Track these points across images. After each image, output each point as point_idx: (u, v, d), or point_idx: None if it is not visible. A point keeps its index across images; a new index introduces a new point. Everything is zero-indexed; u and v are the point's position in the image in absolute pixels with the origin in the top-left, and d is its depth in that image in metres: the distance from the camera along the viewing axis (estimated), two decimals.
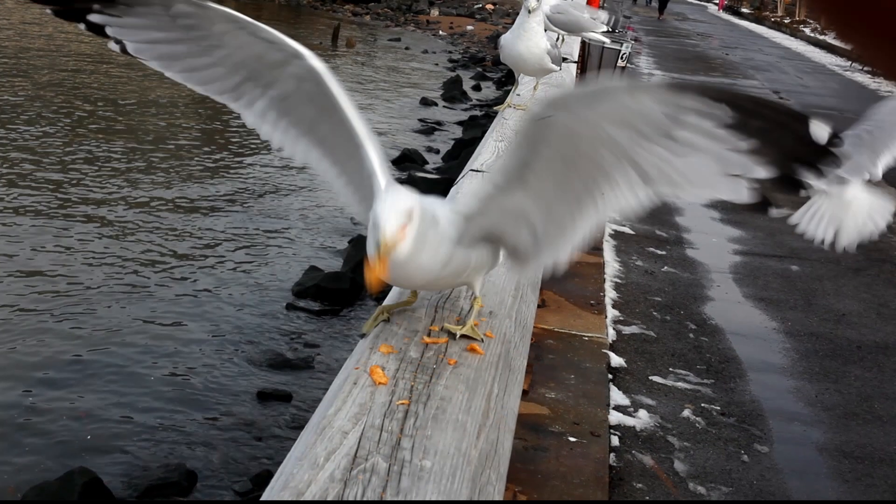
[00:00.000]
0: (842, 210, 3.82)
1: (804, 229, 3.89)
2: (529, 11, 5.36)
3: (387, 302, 2.61)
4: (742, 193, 1.88)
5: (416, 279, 2.26)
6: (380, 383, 2.08)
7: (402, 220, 2.04)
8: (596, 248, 6.31)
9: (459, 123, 16.25)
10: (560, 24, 7.51)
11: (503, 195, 2.22)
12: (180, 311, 7.81)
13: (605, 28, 8.40)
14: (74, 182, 10.81)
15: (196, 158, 12.49)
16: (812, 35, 33.43)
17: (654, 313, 5.59)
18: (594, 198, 2.14)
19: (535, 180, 2.18)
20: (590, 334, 4.91)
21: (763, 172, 1.85)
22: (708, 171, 1.91)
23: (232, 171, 12.18)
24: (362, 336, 2.38)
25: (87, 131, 13.17)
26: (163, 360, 6.97)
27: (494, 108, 10.81)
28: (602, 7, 16.27)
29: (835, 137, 1.77)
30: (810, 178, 1.81)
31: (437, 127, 15.97)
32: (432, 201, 2.25)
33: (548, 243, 2.27)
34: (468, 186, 3.98)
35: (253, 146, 13.53)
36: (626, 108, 1.93)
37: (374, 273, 2.01)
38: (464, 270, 2.31)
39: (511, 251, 2.36)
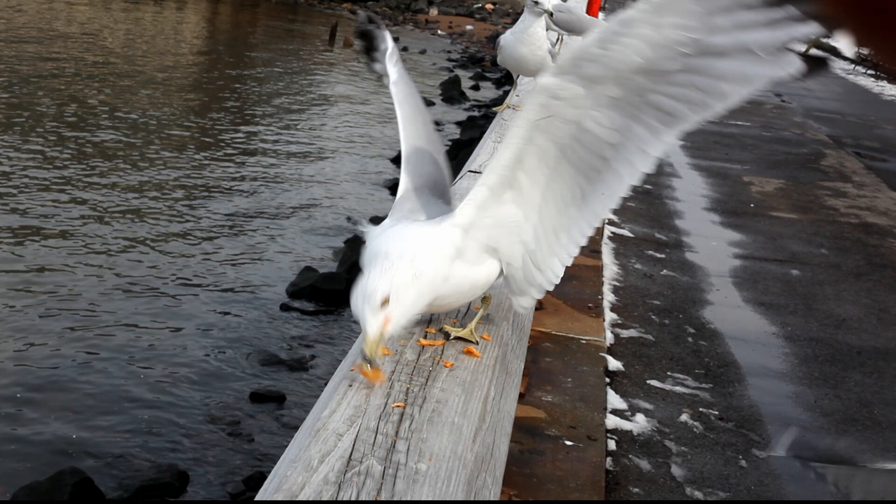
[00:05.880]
0: None
1: None
2: (547, 13, 5.31)
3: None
4: (791, 61, 1.88)
5: (417, 307, 2.12)
6: (376, 380, 2.04)
7: (380, 316, 1.95)
8: (594, 251, 6.26)
9: (458, 124, 16.21)
10: (564, 23, 7.28)
11: (497, 202, 2.17)
12: (173, 311, 7.76)
13: None
14: (69, 184, 10.77)
15: (191, 161, 12.45)
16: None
17: (653, 317, 5.55)
18: (593, 184, 2.12)
19: (527, 180, 2.14)
20: (587, 338, 4.87)
21: (806, 28, 1.83)
22: (747, 61, 1.89)
23: (228, 173, 12.15)
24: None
25: (80, 135, 13.13)
26: (155, 360, 6.92)
27: (493, 108, 10.78)
28: (603, 9, 16.25)
29: None
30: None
31: (436, 127, 16.00)
32: (419, 227, 2.16)
33: (541, 259, 2.24)
34: (466, 187, 3.95)
35: (250, 149, 13.50)
36: (651, 41, 1.92)
37: (373, 375, 2.01)
38: (469, 288, 2.24)
39: (507, 271, 2.30)
